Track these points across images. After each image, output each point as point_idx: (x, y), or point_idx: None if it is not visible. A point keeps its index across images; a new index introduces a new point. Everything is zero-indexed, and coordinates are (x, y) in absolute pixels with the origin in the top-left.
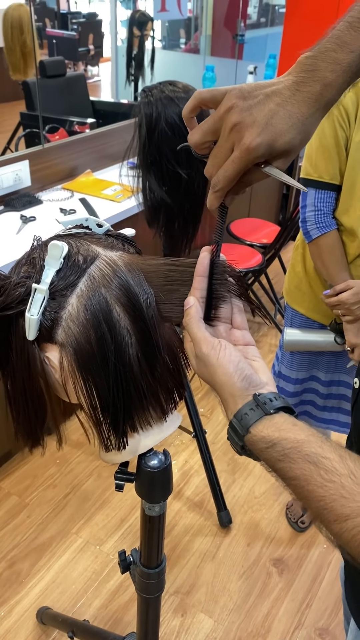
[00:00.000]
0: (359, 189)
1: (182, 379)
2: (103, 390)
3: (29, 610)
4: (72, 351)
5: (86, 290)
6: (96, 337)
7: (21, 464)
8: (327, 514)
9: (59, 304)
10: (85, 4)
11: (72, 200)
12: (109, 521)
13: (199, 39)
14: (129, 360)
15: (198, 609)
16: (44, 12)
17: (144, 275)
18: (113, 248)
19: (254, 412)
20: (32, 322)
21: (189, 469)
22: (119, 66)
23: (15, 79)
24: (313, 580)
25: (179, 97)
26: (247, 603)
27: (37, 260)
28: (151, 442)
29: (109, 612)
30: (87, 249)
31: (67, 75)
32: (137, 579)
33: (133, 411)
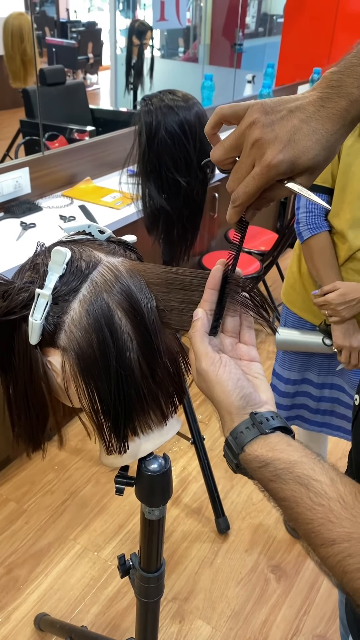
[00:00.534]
0: (349, 193)
1: (183, 383)
2: (104, 394)
3: (27, 616)
4: (74, 355)
5: (88, 295)
6: (98, 342)
7: (19, 470)
8: (315, 537)
9: (62, 308)
10: (85, 13)
11: (71, 207)
12: (107, 527)
13: (198, 48)
14: (130, 364)
15: (196, 615)
16: (44, 21)
17: (145, 281)
18: (115, 254)
19: (249, 430)
20: (35, 327)
21: (187, 476)
22: (118, 74)
23: (15, 86)
24: (311, 587)
25: (179, 105)
26: (245, 609)
27: (40, 265)
28: (151, 446)
29: (107, 619)
30: (89, 255)
31: (67, 84)
32: (137, 583)
33: (134, 415)
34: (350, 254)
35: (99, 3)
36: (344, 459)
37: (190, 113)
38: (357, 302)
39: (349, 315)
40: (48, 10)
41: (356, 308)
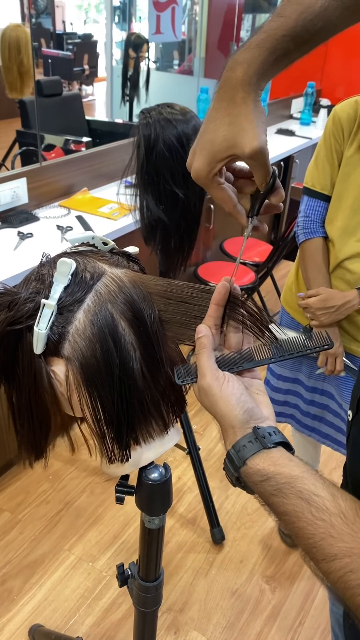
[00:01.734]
0: (344, 202)
1: (184, 392)
2: (107, 403)
3: (21, 628)
4: (78, 365)
5: (93, 305)
6: (102, 352)
7: (14, 480)
8: (316, 552)
9: (67, 319)
10: (81, 25)
11: (68, 218)
12: (102, 538)
13: (193, 61)
14: (134, 373)
15: (191, 626)
16: (40, 33)
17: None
18: (118, 265)
19: (252, 444)
20: (41, 337)
21: (182, 486)
22: (114, 86)
23: (12, 97)
24: (305, 598)
25: (177, 119)
26: (240, 621)
27: (46, 276)
28: (153, 455)
29: (101, 630)
30: (93, 266)
31: (63, 95)
32: (135, 593)
33: (136, 424)
34: (337, 262)
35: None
36: (338, 470)
37: (188, 126)
38: (335, 310)
39: (327, 322)
40: (44, 22)
41: (334, 315)
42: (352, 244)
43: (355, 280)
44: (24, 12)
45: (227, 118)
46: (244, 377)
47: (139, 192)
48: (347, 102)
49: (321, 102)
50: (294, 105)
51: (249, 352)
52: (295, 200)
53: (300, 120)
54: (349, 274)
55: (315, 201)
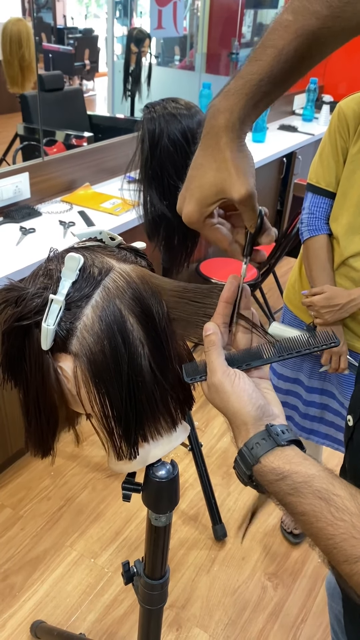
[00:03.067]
0: (349, 200)
1: (192, 389)
2: (116, 400)
3: (23, 624)
4: (86, 361)
5: (101, 301)
6: (110, 347)
7: (15, 476)
8: (337, 553)
9: (74, 314)
10: (82, 19)
11: (71, 213)
12: (104, 534)
13: (194, 57)
14: (142, 370)
15: (193, 623)
16: (41, 27)
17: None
18: (126, 261)
19: (265, 442)
20: (49, 332)
21: (184, 482)
22: (115, 81)
23: (13, 92)
24: (308, 595)
25: (182, 113)
26: (242, 618)
27: (53, 271)
28: (160, 452)
29: (103, 626)
30: (101, 262)
31: (65, 90)
32: (140, 590)
33: (144, 421)
34: (341, 259)
35: (95, 10)
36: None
37: (192, 121)
38: (340, 308)
39: (332, 320)
40: (45, 16)
41: (339, 313)
42: (358, 241)
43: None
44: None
45: (214, 164)
46: (252, 377)
47: (143, 188)
48: (352, 98)
49: (324, 98)
50: (297, 101)
51: (257, 350)
52: (297, 196)
53: (302, 117)
54: (354, 271)
55: (319, 198)
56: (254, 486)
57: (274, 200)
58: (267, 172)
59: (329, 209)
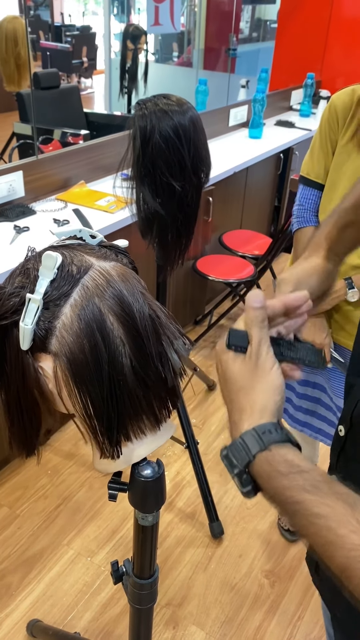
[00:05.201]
0: (337, 191)
1: (176, 388)
2: (97, 399)
3: (19, 623)
4: (65, 360)
5: (80, 300)
6: (90, 347)
7: (12, 475)
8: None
9: (53, 313)
10: (79, 17)
11: (65, 211)
12: (101, 533)
13: (192, 53)
14: (123, 369)
15: (190, 621)
16: (38, 25)
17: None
18: (106, 259)
19: (278, 433)
20: (27, 332)
21: (180, 480)
22: (112, 79)
23: (9, 90)
24: (305, 592)
25: (173, 110)
26: (239, 615)
27: (31, 270)
28: (145, 452)
29: (100, 625)
30: (80, 260)
31: (61, 87)
32: (130, 590)
33: (127, 420)
34: None
35: (93, 7)
36: None
37: (184, 117)
38: None
39: (314, 311)
40: (42, 14)
41: (321, 305)
42: None
43: (345, 270)
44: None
45: None
46: None
47: (135, 185)
48: (344, 91)
49: (321, 93)
50: (294, 97)
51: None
52: (294, 192)
53: (299, 112)
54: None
55: (309, 190)
56: (240, 479)
57: (271, 197)
58: (263, 168)
59: (318, 201)
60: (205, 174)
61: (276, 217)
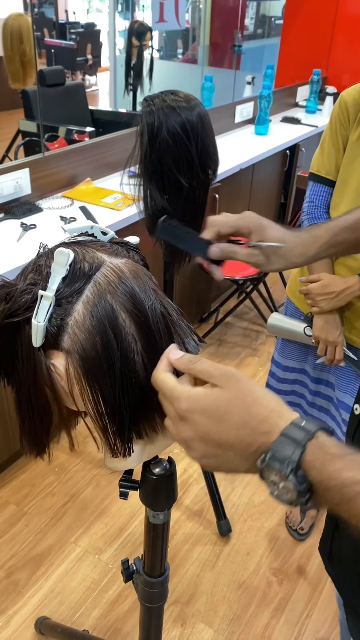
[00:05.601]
0: (348, 187)
1: None
2: (109, 397)
3: (27, 620)
4: (77, 357)
5: (92, 296)
6: (102, 344)
7: (19, 473)
8: None
9: (65, 310)
10: (84, 14)
11: (72, 209)
12: (108, 530)
13: (197, 50)
14: (135, 366)
15: (198, 618)
16: (43, 22)
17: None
18: (118, 255)
19: (313, 419)
20: (39, 329)
21: (188, 478)
22: (117, 76)
23: (15, 87)
24: (313, 590)
25: (181, 106)
26: (247, 613)
27: (43, 267)
28: (157, 450)
29: (107, 622)
30: (92, 256)
31: (67, 85)
32: (140, 588)
33: (139, 417)
34: None
35: (97, 4)
36: None
37: (192, 114)
38: (335, 296)
39: (328, 308)
40: (47, 11)
41: (334, 302)
42: None
43: (357, 266)
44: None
45: None
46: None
47: (143, 182)
48: (354, 87)
49: (327, 89)
50: (300, 93)
51: None
52: (301, 189)
53: (306, 108)
54: (351, 259)
55: (319, 186)
56: (298, 475)
57: (278, 193)
58: (270, 165)
59: (329, 198)
60: (212, 170)
61: (282, 214)
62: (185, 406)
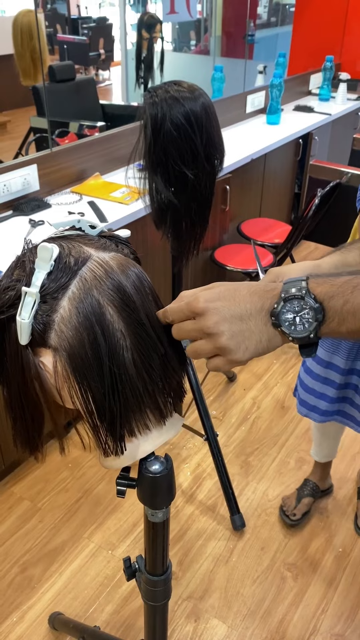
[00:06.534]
0: None
1: (181, 379)
2: (98, 395)
3: (41, 615)
4: (65, 355)
5: (77, 292)
6: (89, 340)
7: (33, 468)
8: None
9: (51, 306)
10: (96, 8)
11: (80, 204)
12: (121, 525)
13: (209, 40)
14: (125, 362)
15: (211, 614)
16: (55, 18)
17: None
18: (106, 249)
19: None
20: (24, 326)
21: (201, 472)
22: (129, 69)
23: (26, 84)
24: (328, 585)
25: (184, 96)
26: (262, 608)
27: (27, 263)
28: (151, 447)
29: (121, 618)
30: (78, 251)
31: (77, 80)
32: (143, 587)
33: (130, 415)
34: None
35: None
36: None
37: (196, 104)
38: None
39: None
40: (59, 7)
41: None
42: None
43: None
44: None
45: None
46: None
47: (148, 175)
48: None
49: (340, 76)
50: (313, 81)
51: None
52: (314, 178)
53: (319, 96)
54: None
55: None
56: (313, 301)
57: (291, 183)
58: (282, 155)
59: None
60: (219, 161)
61: (296, 204)
62: (203, 299)
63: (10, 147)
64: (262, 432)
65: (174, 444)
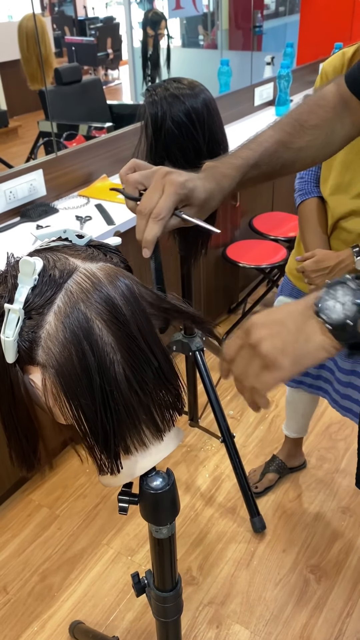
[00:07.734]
0: (335, 159)
1: (179, 391)
2: (90, 412)
3: (62, 624)
4: (53, 372)
5: (63, 306)
6: (77, 356)
7: (51, 475)
8: None
9: (37, 322)
10: (102, 8)
11: (88, 207)
12: (140, 530)
13: (217, 34)
14: (116, 378)
15: (233, 619)
16: (63, 21)
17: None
18: (94, 260)
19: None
20: (8, 345)
21: (219, 474)
22: (136, 68)
23: (34, 88)
24: (353, 587)
25: (184, 93)
26: (285, 613)
27: (9, 278)
28: (149, 463)
29: (142, 625)
30: (64, 263)
31: (83, 81)
32: (153, 603)
33: (125, 432)
34: (333, 222)
35: None
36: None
37: (197, 100)
38: (329, 271)
39: (323, 284)
40: (66, 9)
41: (329, 277)
42: (346, 201)
43: (352, 239)
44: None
45: (208, 187)
46: None
47: None
48: (334, 56)
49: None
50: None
51: None
52: None
53: None
54: (346, 232)
55: None
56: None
57: None
58: None
59: (318, 171)
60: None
61: None
62: (248, 325)
63: (22, 152)
64: (281, 431)
65: (191, 446)
